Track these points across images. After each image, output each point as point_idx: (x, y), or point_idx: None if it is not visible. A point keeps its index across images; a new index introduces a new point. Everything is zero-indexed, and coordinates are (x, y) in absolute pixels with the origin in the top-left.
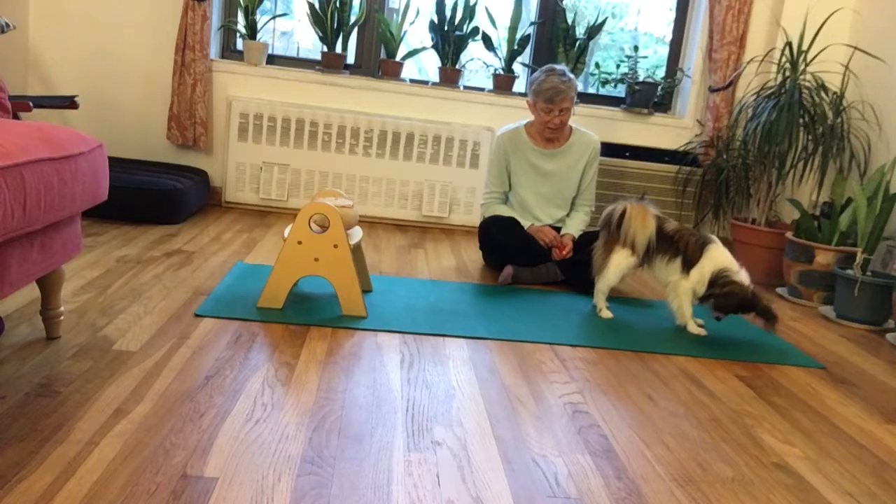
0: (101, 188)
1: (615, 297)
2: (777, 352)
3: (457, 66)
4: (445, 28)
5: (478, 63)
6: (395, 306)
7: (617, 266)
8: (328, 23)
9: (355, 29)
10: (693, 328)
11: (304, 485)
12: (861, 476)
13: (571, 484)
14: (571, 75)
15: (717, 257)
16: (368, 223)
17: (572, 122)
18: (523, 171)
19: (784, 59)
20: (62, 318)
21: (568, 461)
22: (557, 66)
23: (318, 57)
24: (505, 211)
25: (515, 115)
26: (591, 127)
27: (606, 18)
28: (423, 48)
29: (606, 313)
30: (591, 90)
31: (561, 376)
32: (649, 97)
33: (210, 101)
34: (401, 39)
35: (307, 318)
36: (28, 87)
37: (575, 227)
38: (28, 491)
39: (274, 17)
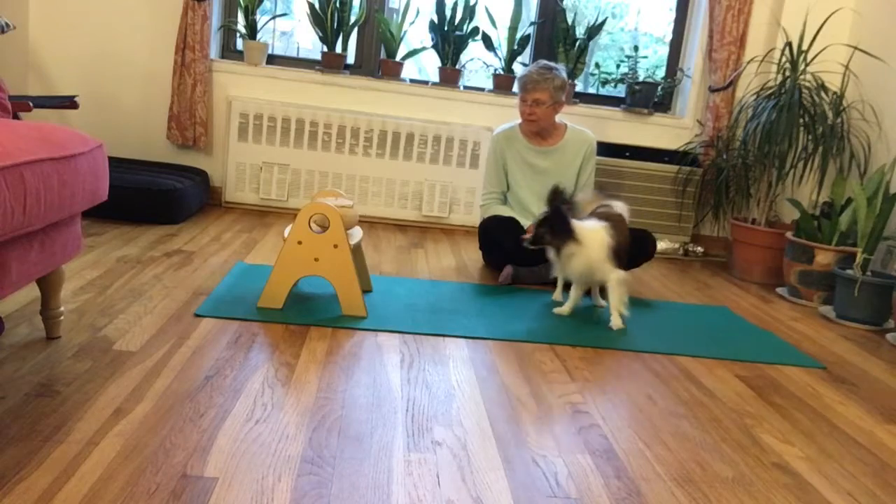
0: (101, 188)
1: None
2: (777, 352)
3: (457, 66)
4: (445, 28)
5: (478, 63)
6: (395, 306)
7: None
8: (328, 23)
9: (355, 29)
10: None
11: (304, 485)
12: (861, 476)
13: (571, 484)
14: (558, 73)
15: None
16: (368, 223)
17: (569, 120)
18: (519, 169)
19: (784, 59)
20: (62, 318)
21: (568, 461)
22: (548, 62)
23: (318, 57)
24: (504, 211)
25: (515, 115)
26: (591, 127)
27: (606, 18)
28: (423, 48)
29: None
30: (591, 90)
31: (561, 376)
32: (649, 97)
33: (210, 101)
34: (401, 39)
35: (307, 318)
36: (28, 87)
37: None
38: (28, 491)
39: (274, 17)
